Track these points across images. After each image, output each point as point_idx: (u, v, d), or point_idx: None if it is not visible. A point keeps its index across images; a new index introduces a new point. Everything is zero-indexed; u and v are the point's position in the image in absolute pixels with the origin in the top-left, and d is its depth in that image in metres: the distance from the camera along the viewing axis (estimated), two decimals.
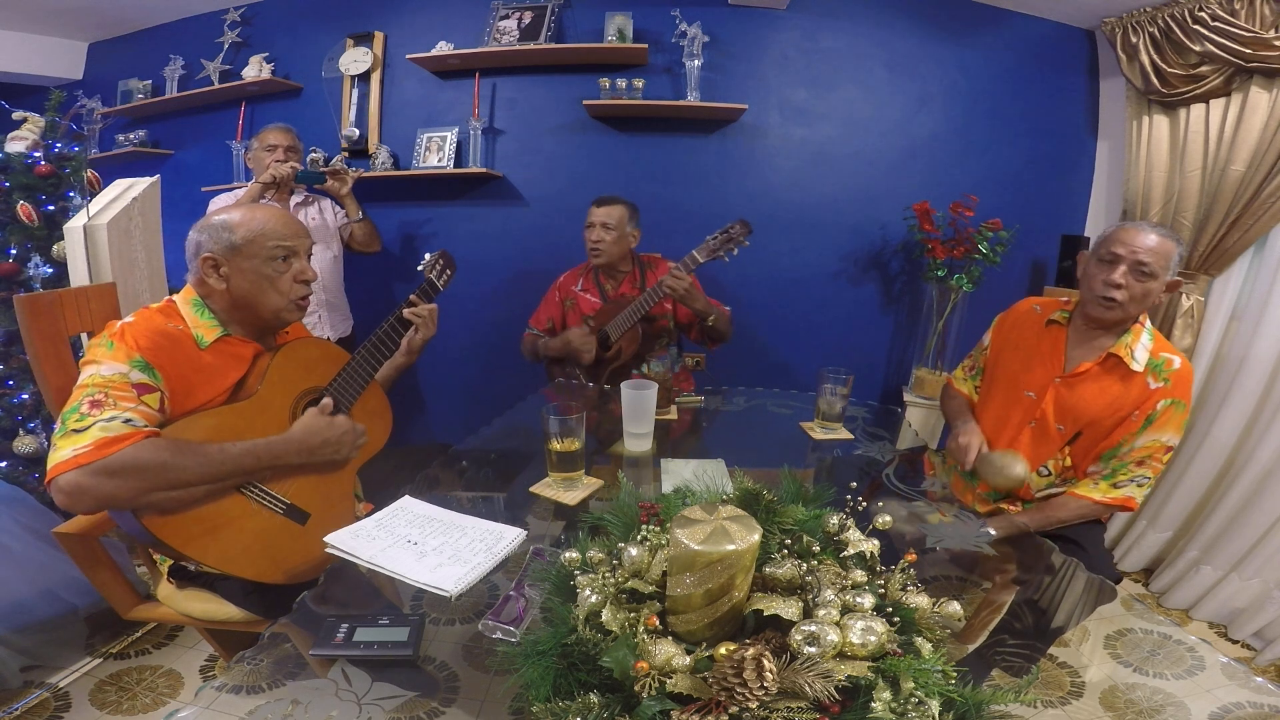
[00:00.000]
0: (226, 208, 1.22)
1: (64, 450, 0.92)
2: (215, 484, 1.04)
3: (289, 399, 1.20)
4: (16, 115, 2.10)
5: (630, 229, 2.10)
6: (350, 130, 2.69)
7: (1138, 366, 1.34)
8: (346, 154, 2.66)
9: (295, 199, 2.33)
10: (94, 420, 0.94)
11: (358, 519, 1.31)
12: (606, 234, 2.04)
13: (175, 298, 1.17)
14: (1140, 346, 1.35)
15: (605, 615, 0.67)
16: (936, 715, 0.56)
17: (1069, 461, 1.44)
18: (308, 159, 2.51)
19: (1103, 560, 1.35)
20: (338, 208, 2.42)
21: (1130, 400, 1.34)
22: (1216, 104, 1.97)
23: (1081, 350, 1.42)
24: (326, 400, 1.20)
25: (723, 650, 0.60)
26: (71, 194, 2.07)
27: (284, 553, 1.13)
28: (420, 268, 1.44)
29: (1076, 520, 1.38)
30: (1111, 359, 1.37)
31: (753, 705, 0.55)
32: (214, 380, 1.12)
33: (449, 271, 1.49)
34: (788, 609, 0.63)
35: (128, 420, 0.96)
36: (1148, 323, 1.38)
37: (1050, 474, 1.46)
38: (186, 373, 1.08)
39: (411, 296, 1.39)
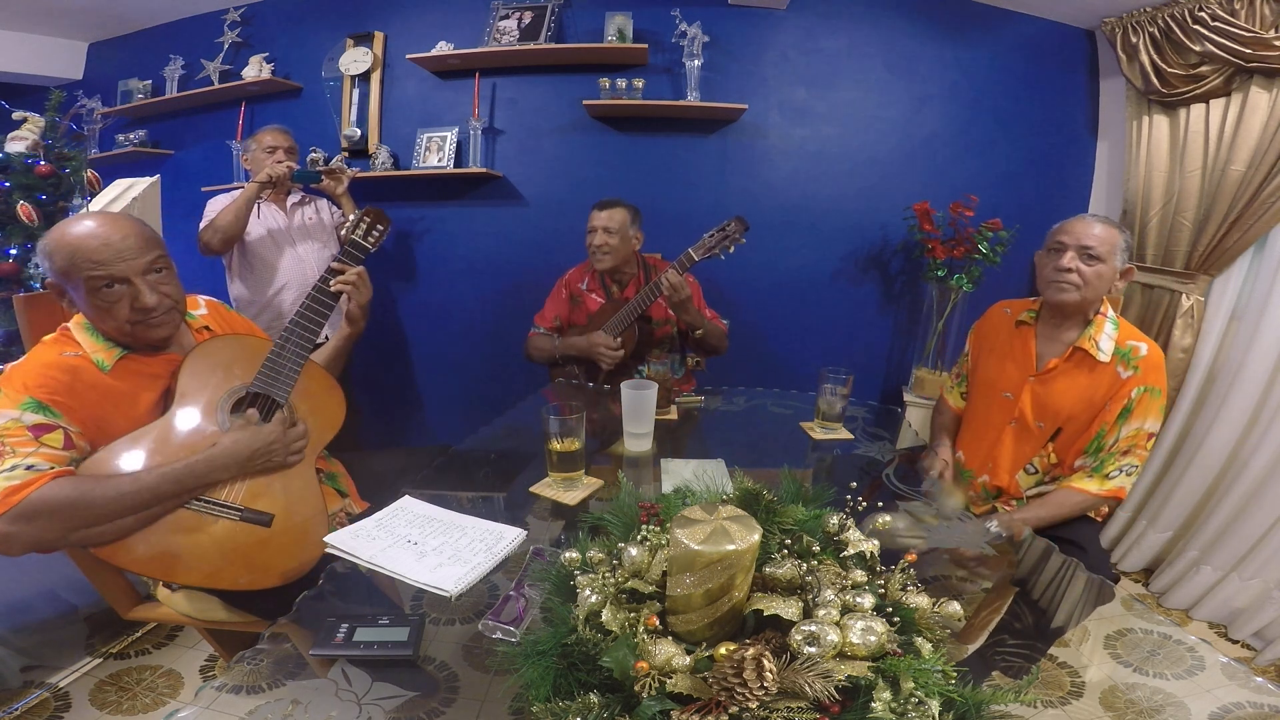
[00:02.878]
0: (65, 222, 1.07)
1: None
2: (142, 512, 1.00)
3: (211, 404, 1.12)
4: (16, 115, 2.10)
5: (633, 232, 2.09)
6: (351, 130, 2.69)
7: (1104, 357, 1.36)
8: (346, 154, 2.66)
9: (292, 198, 2.33)
10: None
11: (349, 515, 1.30)
12: (609, 238, 2.03)
13: (70, 323, 1.10)
14: (1105, 337, 1.38)
15: (605, 615, 0.67)
16: (936, 715, 0.56)
17: (1054, 458, 1.45)
18: (307, 159, 2.51)
19: (1101, 560, 1.35)
20: (335, 207, 2.42)
21: (1102, 391, 1.37)
22: (1216, 104, 1.97)
23: (1050, 346, 1.46)
24: (251, 412, 1.14)
25: (723, 650, 0.60)
26: (72, 194, 2.08)
27: (262, 558, 1.08)
28: (343, 232, 1.31)
29: (1076, 513, 1.39)
30: (1078, 353, 1.40)
31: (753, 705, 0.55)
32: (126, 403, 1.07)
33: (379, 227, 1.32)
34: (788, 609, 0.63)
35: (30, 466, 0.94)
36: (1110, 312, 1.41)
37: (1037, 471, 1.48)
38: (92, 401, 1.03)
39: (333, 264, 1.28)
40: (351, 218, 1.32)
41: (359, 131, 2.70)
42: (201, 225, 2.13)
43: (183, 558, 1.03)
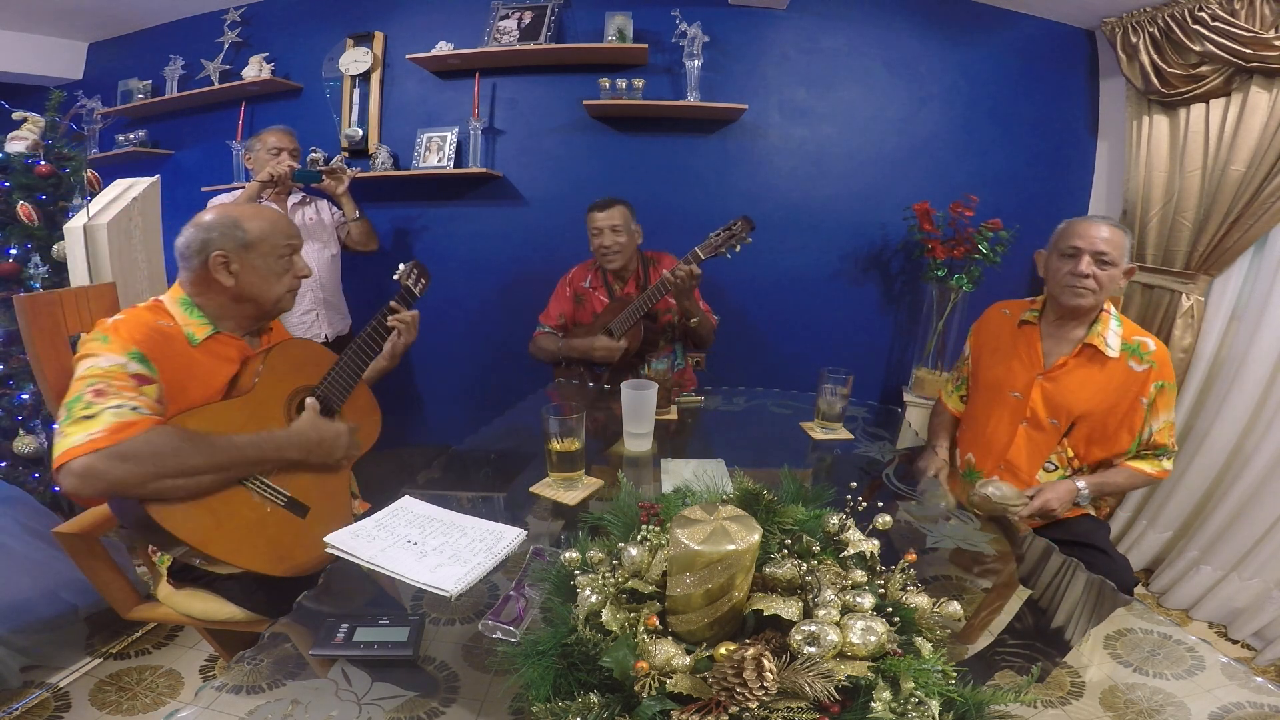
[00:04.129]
0: (224, 206, 1.26)
1: (75, 436, 0.93)
2: (219, 474, 1.05)
3: (282, 396, 1.24)
4: (16, 115, 2.10)
5: (634, 226, 2.11)
6: (353, 130, 2.69)
7: (1113, 353, 1.41)
8: (346, 154, 2.66)
9: (293, 199, 2.33)
10: (103, 406, 0.96)
11: (355, 516, 1.31)
12: (617, 237, 2.05)
13: (163, 298, 1.19)
14: (1111, 333, 1.43)
15: (605, 615, 0.67)
16: (936, 715, 0.56)
17: (1071, 453, 1.47)
18: (307, 159, 2.51)
19: (1123, 565, 1.36)
20: (335, 207, 2.42)
21: (1116, 384, 1.41)
22: (1216, 104, 1.97)
23: (1056, 345, 1.49)
24: (312, 401, 1.24)
25: (723, 650, 0.60)
26: (72, 194, 2.08)
27: (285, 545, 1.13)
28: (396, 277, 1.48)
29: (1138, 487, 1.49)
30: (1088, 349, 1.43)
31: (753, 705, 0.55)
32: (206, 378, 1.14)
33: (424, 280, 1.54)
34: (788, 609, 0.63)
35: (135, 408, 0.98)
36: (1113, 310, 1.46)
37: (1057, 467, 1.49)
38: (180, 368, 1.10)
39: (392, 304, 1.44)
40: (403, 267, 1.49)
41: (360, 131, 2.70)
42: None
43: (221, 529, 1.07)
